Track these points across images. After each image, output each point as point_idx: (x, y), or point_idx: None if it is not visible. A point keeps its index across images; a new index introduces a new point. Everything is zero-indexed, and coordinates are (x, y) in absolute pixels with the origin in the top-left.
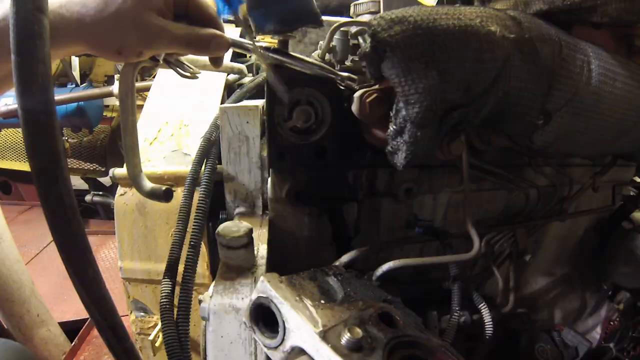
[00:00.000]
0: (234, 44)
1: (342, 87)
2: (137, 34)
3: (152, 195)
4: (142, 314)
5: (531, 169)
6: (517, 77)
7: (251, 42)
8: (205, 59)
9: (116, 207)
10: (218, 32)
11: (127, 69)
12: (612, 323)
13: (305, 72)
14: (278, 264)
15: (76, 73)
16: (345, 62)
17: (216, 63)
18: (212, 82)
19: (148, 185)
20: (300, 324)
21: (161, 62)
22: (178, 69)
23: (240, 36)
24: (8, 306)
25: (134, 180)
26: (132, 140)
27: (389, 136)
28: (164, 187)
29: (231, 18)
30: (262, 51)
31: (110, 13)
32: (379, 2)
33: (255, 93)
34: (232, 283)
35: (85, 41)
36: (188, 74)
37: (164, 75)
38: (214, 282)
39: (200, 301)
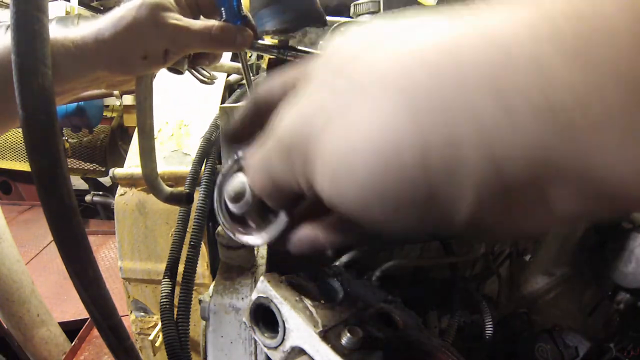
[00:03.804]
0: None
1: None
2: (158, 33)
3: (173, 199)
4: (142, 314)
5: None
6: None
7: (274, 45)
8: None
9: (116, 207)
10: (243, 26)
11: None
12: (612, 323)
13: None
14: (278, 264)
15: None
16: None
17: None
18: None
19: (167, 189)
20: (300, 324)
21: (184, 71)
22: (197, 74)
23: None
24: (8, 306)
25: (151, 184)
26: (149, 144)
27: None
28: (185, 191)
29: None
30: (278, 50)
31: (129, 22)
32: (379, 2)
33: None
34: (232, 283)
35: (107, 59)
36: (207, 80)
37: (164, 75)
38: (214, 282)
39: (200, 301)
